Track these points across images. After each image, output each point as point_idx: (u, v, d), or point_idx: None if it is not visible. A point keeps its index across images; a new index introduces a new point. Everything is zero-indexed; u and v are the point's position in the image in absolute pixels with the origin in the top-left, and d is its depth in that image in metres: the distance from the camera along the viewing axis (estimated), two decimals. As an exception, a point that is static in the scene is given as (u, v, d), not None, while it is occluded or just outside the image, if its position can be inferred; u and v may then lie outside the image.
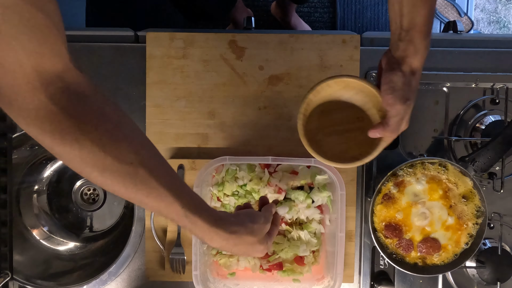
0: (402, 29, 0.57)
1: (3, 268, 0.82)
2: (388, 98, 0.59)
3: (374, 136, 0.63)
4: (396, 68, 0.58)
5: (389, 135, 0.62)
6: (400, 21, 0.57)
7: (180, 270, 0.85)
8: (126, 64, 0.87)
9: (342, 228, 0.76)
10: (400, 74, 0.58)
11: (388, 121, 0.60)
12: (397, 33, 0.58)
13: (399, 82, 0.58)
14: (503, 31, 1.94)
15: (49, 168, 1.04)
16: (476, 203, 0.77)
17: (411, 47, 0.57)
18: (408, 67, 0.58)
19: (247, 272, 0.86)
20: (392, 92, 0.58)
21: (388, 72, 0.59)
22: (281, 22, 1.62)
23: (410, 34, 0.57)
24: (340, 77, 0.63)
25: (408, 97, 0.58)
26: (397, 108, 0.59)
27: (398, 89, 0.58)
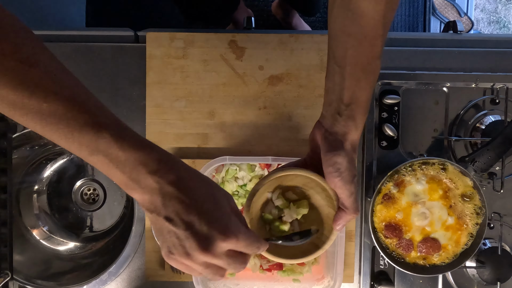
0: (342, 102, 0.53)
1: (3, 268, 0.82)
2: (336, 181, 0.55)
3: (342, 227, 0.58)
4: (338, 147, 0.54)
5: (354, 216, 0.58)
6: (340, 94, 0.53)
7: (180, 270, 0.85)
8: (126, 64, 0.87)
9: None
10: (343, 154, 0.54)
11: (345, 204, 0.56)
12: (334, 105, 0.54)
13: (344, 163, 0.54)
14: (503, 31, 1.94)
15: (49, 168, 1.04)
16: (476, 203, 0.77)
17: (352, 123, 0.54)
18: (350, 144, 0.54)
19: (247, 272, 0.86)
20: (339, 175, 0.54)
21: (329, 152, 0.54)
22: (282, 22, 1.62)
23: (350, 108, 0.53)
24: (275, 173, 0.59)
25: (354, 174, 0.55)
26: (348, 188, 0.55)
27: (344, 170, 0.54)
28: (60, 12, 1.35)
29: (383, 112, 0.85)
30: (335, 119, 0.54)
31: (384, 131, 0.84)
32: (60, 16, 1.38)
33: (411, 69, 0.85)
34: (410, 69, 0.85)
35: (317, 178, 0.58)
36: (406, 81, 0.85)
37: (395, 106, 0.84)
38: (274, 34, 0.86)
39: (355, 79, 0.52)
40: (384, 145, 0.85)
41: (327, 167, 0.55)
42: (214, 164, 0.79)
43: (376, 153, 0.85)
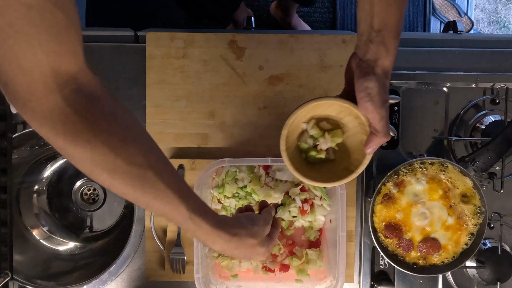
0: (372, 29, 0.55)
1: (3, 268, 0.82)
2: (367, 106, 0.57)
3: (373, 151, 0.61)
4: (369, 73, 0.56)
5: (384, 140, 0.60)
6: (370, 21, 0.55)
7: (180, 270, 0.85)
8: (126, 64, 0.87)
9: (343, 227, 0.76)
10: (374, 79, 0.56)
11: (376, 128, 0.59)
12: (366, 34, 0.56)
13: (375, 87, 0.56)
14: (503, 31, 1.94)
15: (49, 168, 1.04)
16: (476, 203, 0.77)
17: (383, 48, 0.55)
18: (381, 69, 0.56)
19: (250, 273, 0.86)
20: (371, 99, 0.56)
21: (361, 78, 0.57)
22: (281, 23, 1.61)
23: (381, 34, 0.55)
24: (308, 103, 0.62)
25: (385, 99, 0.57)
26: (379, 112, 0.57)
27: (375, 95, 0.56)
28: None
29: (383, 112, 0.85)
30: (367, 47, 0.56)
31: (384, 131, 0.84)
32: (60, 16, 1.38)
33: (411, 69, 0.85)
34: (410, 69, 0.85)
35: (349, 105, 0.60)
36: (406, 81, 0.85)
37: (395, 106, 0.84)
38: (274, 34, 0.86)
39: (384, 4, 0.53)
40: (384, 145, 0.85)
41: (359, 93, 0.57)
42: (213, 166, 0.79)
43: (376, 153, 0.85)
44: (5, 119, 0.84)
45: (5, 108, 0.85)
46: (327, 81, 0.86)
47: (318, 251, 0.86)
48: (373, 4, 0.54)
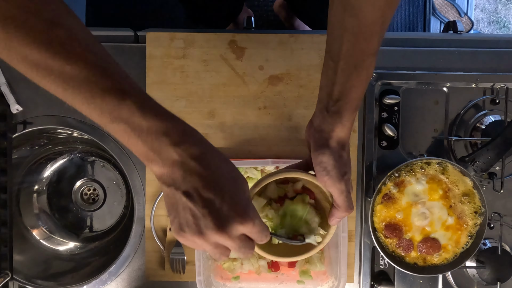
0: (331, 98, 0.52)
1: (3, 268, 0.82)
2: (325, 180, 0.54)
3: (337, 223, 0.59)
4: (324, 146, 0.53)
5: (347, 213, 0.57)
6: (330, 89, 0.52)
7: (180, 270, 0.85)
8: (126, 64, 0.87)
9: (344, 228, 0.76)
10: (328, 152, 0.53)
11: (337, 202, 0.56)
12: (324, 102, 0.53)
13: (330, 161, 0.53)
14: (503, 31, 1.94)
15: (49, 168, 1.04)
16: (476, 203, 0.77)
17: (339, 119, 0.52)
18: (336, 142, 0.53)
19: (252, 275, 0.86)
20: (327, 173, 0.54)
21: (316, 152, 0.54)
22: (285, 23, 1.61)
23: (338, 105, 0.52)
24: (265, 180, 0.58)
25: (344, 171, 0.54)
26: (337, 187, 0.54)
27: (331, 169, 0.53)
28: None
29: (383, 112, 0.85)
30: (323, 116, 0.53)
31: (384, 131, 0.84)
32: (60, 16, 1.38)
33: (411, 69, 0.85)
34: (410, 69, 0.85)
35: (306, 176, 0.58)
36: (406, 81, 0.85)
37: (395, 106, 0.84)
38: (274, 34, 0.86)
39: (346, 74, 0.51)
40: (384, 145, 0.85)
41: (315, 166, 0.55)
42: None
43: (376, 153, 0.85)
44: (5, 119, 0.84)
45: (5, 108, 0.85)
46: (327, 81, 0.86)
47: (320, 252, 0.86)
48: (336, 72, 0.51)
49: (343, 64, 0.51)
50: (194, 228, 0.41)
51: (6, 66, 0.87)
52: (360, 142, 0.85)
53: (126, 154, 0.88)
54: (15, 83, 0.87)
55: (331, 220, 0.59)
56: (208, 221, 0.40)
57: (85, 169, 1.06)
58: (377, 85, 0.85)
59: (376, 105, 0.85)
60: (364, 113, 0.85)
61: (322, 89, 0.54)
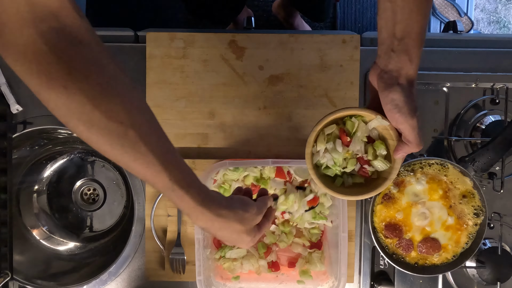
0: (395, 37, 0.52)
1: (3, 268, 0.82)
2: (396, 117, 0.56)
3: (402, 157, 0.60)
4: (394, 84, 0.54)
5: (418, 149, 0.59)
6: (392, 29, 0.52)
7: (180, 270, 0.85)
8: (126, 64, 0.87)
9: (344, 228, 0.76)
10: (399, 90, 0.54)
11: (408, 138, 0.57)
12: (387, 43, 0.53)
13: (401, 98, 0.54)
14: (503, 31, 1.94)
15: (49, 168, 1.04)
16: (476, 203, 0.77)
17: (406, 57, 0.53)
18: (405, 79, 0.54)
19: (252, 275, 0.86)
20: (399, 110, 0.55)
21: (386, 90, 0.55)
22: (284, 23, 1.61)
23: (404, 43, 0.52)
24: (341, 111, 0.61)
25: (414, 108, 0.55)
26: (410, 123, 0.55)
27: (403, 106, 0.54)
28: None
29: (383, 112, 0.85)
30: (389, 56, 0.54)
31: (384, 131, 0.84)
32: (60, 16, 1.38)
33: (411, 69, 0.85)
34: (410, 69, 0.85)
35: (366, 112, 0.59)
36: (406, 81, 0.85)
37: (395, 106, 0.84)
38: (274, 34, 0.86)
39: (407, 11, 0.51)
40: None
41: (386, 105, 0.55)
42: (214, 169, 0.79)
43: (376, 153, 0.85)
44: (5, 119, 0.84)
45: (5, 108, 0.85)
46: (327, 81, 0.86)
47: (320, 252, 0.86)
48: (395, 11, 0.51)
49: (401, 2, 0.51)
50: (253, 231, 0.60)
51: (6, 66, 0.86)
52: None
53: (126, 154, 0.87)
54: (15, 83, 0.87)
55: (397, 153, 0.60)
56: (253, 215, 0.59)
57: (85, 169, 1.06)
58: (377, 85, 0.85)
59: (376, 105, 0.85)
60: (364, 113, 0.85)
61: (382, 31, 0.54)
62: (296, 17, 1.58)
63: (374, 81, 0.57)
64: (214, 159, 0.85)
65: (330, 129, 0.64)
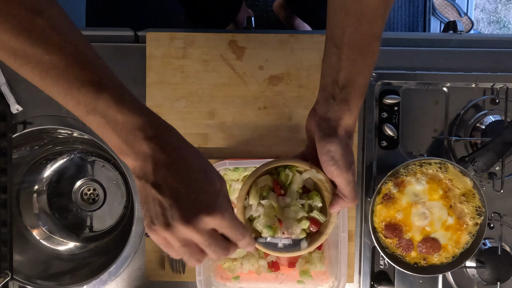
0: (337, 85, 0.51)
1: (3, 268, 0.82)
2: (332, 170, 0.53)
3: (337, 210, 0.58)
4: (332, 135, 0.52)
5: (353, 204, 0.57)
6: (335, 76, 0.50)
7: (180, 270, 0.85)
8: (126, 64, 0.87)
9: (344, 228, 0.76)
10: (336, 141, 0.52)
11: (343, 192, 0.55)
12: (329, 89, 0.52)
13: (338, 150, 0.52)
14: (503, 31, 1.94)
15: (49, 168, 1.04)
16: (476, 203, 0.77)
17: (346, 107, 0.51)
18: (343, 130, 0.52)
19: (252, 275, 0.86)
20: (335, 163, 0.52)
21: (323, 141, 0.52)
22: (284, 22, 1.61)
23: (345, 92, 0.50)
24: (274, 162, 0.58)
25: (351, 161, 0.53)
26: (345, 177, 0.53)
27: (339, 158, 0.52)
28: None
29: (383, 112, 0.85)
30: (329, 104, 0.52)
31: (384, 131, 0.84)
32: (60, 16, 1.38)
33: (411, 69, 0.85)
34: (410, 69, 0.85)
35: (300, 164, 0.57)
36: (406, 81, 0.85)
37: (395, 106, 0.84)
38: (274, 34, 0.86)
39: (351, 60, 0.49)
40: (384, 145, 0.85)
41: (322, 156, 0.53)
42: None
43: (376, 153, 0.85)
44: (5, 119, 0.84)
45: (5, 108, 0.85)
46: (327, 81, 0.86)
47: (320, 252, 0.86)
48: (340, 58, 0.49)
49: (348, 50, 0.49)
50: (162, 220, 0.41)
51: (6, 66, 0.86)
52: (360, 142, 0.85)
53: (126, 154, 0.87)
54: (15, 83, 0.87)
55: (332, 208, 0.57)
56: (174, 211, 0.40)
57: (85, 169, 1.06)
58: (377, 85, 0.85)
59: (376, 105, 0.85)
60: (364, 113, 0.85)
61: (325, 77, 0.52)
62: (297, 18, 1.58)
63: (312, 128, 0.55)
64: (214, 159, 0.85)
65: (264, 181, 0.61)
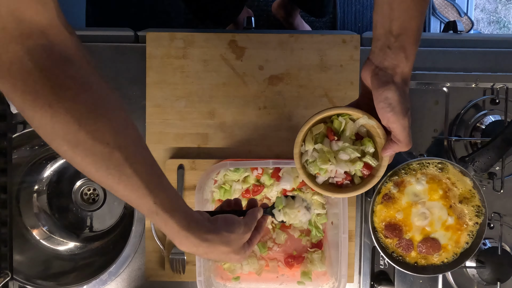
0: (391, 34, 0.52)
1: (3, 268, 0.82)
2: (388, 116, 0.54)
3: (390, 155, 0.60)
4: (389, 82, 0.53)
5: (407, 148, 0.58)
6: (389, 25, 0.51)
7: (180, 270, 0.85)
8: (126, 64, 0.87)
9: (345, 229, 0.76)
10: (394, 88, 0.53)
11: (398, 137, 0.56)
12: (383, 39, 0.53)
13: (395, 97, 0.53)
14: (503, 31, 1.94)
15: (49, 168, 1.04)
16: (476, 203, 0.77)
17: (402, 54, 0.52)
18: (400, 77, 0.53)
19: (252, 275, 0.86)
20: (392, 109, 0.54)
21: (380, 88, 0.54)
22: (283, 23, 1.61)
23: (400, 40, 0.51)
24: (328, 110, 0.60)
25: (407, 108, 0.54)
26: (401, 123, 0.55)
27: (396, 105, 0.53)
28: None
29: (383, 112, 0.85)
30: (384, 53, 0.53)
31: (384, 131, 0.84)
32: (60, 16, 1.38)
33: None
34: (410, 69, 0.85)
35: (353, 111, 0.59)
36: (406, 81, 0.85)
37: (395, 106, 0.84)
38: (274, 34, 0.86)
39: (404, 8, 0.50)
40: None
41: (379, 103, 0.54)
42: (214, 170, 0.79)
43: (376, 153, 0.85)
44: (5, 119, 0.84)
45: (5, 108, 0.85)
46: (327, 81, 0.86)
47: (320, 252, 0.86)
48: (392, 8, 0.50)
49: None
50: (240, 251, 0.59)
51: (6, 66, 0.86)
52: (360, 142, 0.85)
53: (126, 154, 0.87)
54: (15, 83, 0.86)
55: (386, 151, 0.59)
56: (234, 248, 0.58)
57: (85, 169, 1.06)
58: (377, 85, 0.85)
59: (376, 105, 0.85)
60: (364, 113, 0.85)
61: (378, 27, 0.53)
62: (296, 17, 1.58)
63: (367, 78, 0.56)
64: (214, 159, 0.85)
65: (318, 128, 0.63)
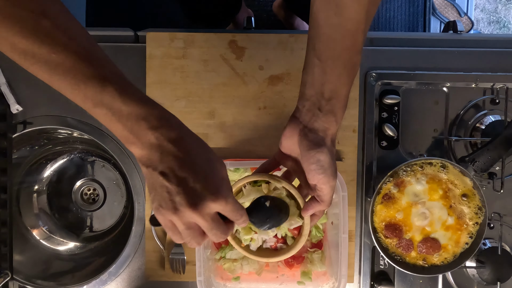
0: (323, 97, 0.52)
1: (3, 268, 0.82)
2: (320, 178, 0.54)
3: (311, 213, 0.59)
4: (321, 144, 0.53)
5: (325, 209, 0.59)
6: (321, 88, 0.52)
7: (180, 270, 0.85)
8: (126, 64, 0.87)
9: (345, 229, 0.76)
10: (326, 151, 0.53)
11: (324, 198, 0.56)
12: (313, 100, 0.53)
13: (327, 159, 0.53)
14: (503, 31, 1.94)
15: (49, 168, 1.04)
16: (476, 203, 0.77)
17: (332, 118, 0.53)
18: (330, 139, 0.54)
19: (252, 275, 0.86)
20: (323, 171, 0.54)
21: (312, 150, 0.53)
22: (284, 23, 1.61)
23: (331, 103, 0.52)
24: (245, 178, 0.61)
25: (336, 168, 0.55)
26: (331, 184, 0.55)
27: (328, 167, 0.54)
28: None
29: (383, 112, 0.85)
30: (313, 114, 0.54)
31: (384, 131, 0.84)
32: (60, 16, 1.38)
33: (411, 69, 0.85)
34: (410, 69, 0.85)
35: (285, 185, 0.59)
36: (406, 81, 0.85)
37: (395, 106, 0.84)
38: (274, 34, 0.86)
39: (336, 74, 0.51)
40: (384, 145, 0.85)
41: (310, 164, 0.54)
42: None
43: (376, 153, 0.85)
44: (5, 119, 0.84)
45: (5, 108, 0.85)
46: (327, 81, 0.86)
47: (320, 252, 0.86)
48: (325, 71, 0.51)
49: (332, 64, 0.51)
50: (170, 205, 0.44)
51: (6, 66, 0.86)
52: (360, 142, 0.85)
53: (126, 154, 0.88)
54: (15, 83, 0.87)
55: (307, 211, 0.59)
56: (182, 198, 0.44)
57: (85, 169, 1.06)
58: (377, 85, 0.85)
59: (376, 105, 0.85)
60: (364, 113, 0.85)
61: (308, 87, 0.53)
62: (296, 17, 1.58)
63: (293, 136, 0.56)
64: (214, 159, 0.85)
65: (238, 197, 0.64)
